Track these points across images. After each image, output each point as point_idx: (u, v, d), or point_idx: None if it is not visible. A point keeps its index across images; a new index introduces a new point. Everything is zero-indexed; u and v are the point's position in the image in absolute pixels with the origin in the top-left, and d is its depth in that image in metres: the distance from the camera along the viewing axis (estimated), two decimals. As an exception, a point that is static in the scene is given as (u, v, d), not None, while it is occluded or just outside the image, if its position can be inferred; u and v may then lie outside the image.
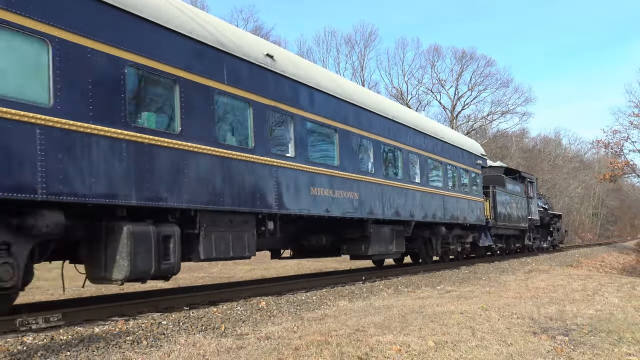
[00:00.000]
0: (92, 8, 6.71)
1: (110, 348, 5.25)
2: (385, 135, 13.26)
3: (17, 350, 5.00)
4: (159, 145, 7.39)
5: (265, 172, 9.27)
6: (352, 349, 5.14)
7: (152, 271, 7.12)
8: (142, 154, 7.13)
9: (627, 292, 10.25)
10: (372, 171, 12.56)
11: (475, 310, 7.47)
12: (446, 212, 16.37)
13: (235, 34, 9.53)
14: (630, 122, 37.38)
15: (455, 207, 17.03)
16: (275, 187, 9.45)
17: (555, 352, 5.18)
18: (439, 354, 5.01)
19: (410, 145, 14.52)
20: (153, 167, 7.25)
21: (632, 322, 6.67)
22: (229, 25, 9.93)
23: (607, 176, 38.77)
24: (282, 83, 9.93)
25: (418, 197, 14.67)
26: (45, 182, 5.97)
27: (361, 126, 12.25)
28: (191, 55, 8.08)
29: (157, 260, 7.18)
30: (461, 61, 58.26)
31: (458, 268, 16.25)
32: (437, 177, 16.26)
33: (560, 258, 23.41)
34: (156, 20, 7.55)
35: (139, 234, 6.92)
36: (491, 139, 56.86)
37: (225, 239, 8.52)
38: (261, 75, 9.45)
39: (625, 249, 43.21)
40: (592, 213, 77.76)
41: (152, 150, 7.27)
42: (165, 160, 7.44)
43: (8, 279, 5.84)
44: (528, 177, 26.74)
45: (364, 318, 6.96)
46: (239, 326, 6.55)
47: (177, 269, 7.55)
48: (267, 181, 9.28)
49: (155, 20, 7.53)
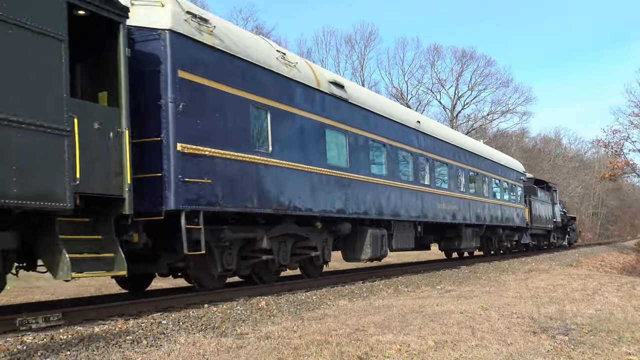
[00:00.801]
0: (288, 85, 10.22)
1: (110, 347, 5.25)
2: (471, 165, 19.26)
3: (17, 349, 5.00)
4: (388, 185, 13.28)
5: (418, 195, 14.84)
6: (352, 348, 5.14)
7: (378, 255, 12.63)
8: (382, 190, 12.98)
9: (627, 291, 10.25)
10: (464, 190, 18.18)
11: (475, 310, 7.47)
12: (502, 218, 21.89)
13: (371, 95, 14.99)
14: (630, 121, 37.39)
15: (507, 213, 22.62)
16: (421, 203, 14.95)
17: (555, 351, 5.18)
18: (438, 354, 5.01)
19: (483, 170, 20.46)
20: (385, 197, 13.03)
21: (632, 322, 6.67)
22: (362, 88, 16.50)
23: (607, 175, 38.77)
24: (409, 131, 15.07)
25: (487, 207, 20.18)
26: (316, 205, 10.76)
27: (464, 161, 18.48)
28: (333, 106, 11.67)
29: (380, 249, 12.66)
30: (461, 61, 58.31)
31: (458, 268, 16.27)
32: (498, 191, 22.12)
33: (560, 258, 23.41)
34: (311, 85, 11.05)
35: (374, 234, 12.42)
36: (491, 139, 56.82)
37: (403, 237, 14.10)
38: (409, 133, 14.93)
39: (625, 249, 43.24)
40: (592, 213, 77.73)
41: (384, 188, 13.09)
42: (386, 191, 13.14)
43: None
44: (553, 186, 32.27)
45: (364, 317, 6.96)
46: (239, 326, 6.55)
47: (386, 254, 13.27)
48: (420, 200, 14.89)
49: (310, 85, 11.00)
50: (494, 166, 21.94)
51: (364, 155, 12.40)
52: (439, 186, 16.22)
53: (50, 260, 6.46)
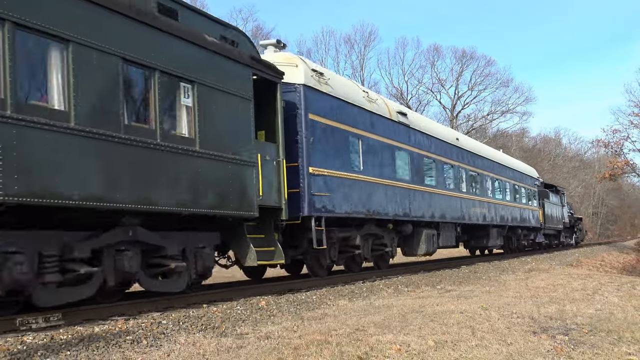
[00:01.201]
0: (371, 117, 13.18)
1: (110, 347, 5.24)
2: (497, 173, 22.69)
3: (17, 349, 4.99)
4: (437, 193, 16.45)
5: (458, 201, 17.93)
6: (352, 348, 5.14)
7: (430, 250, 15.64)
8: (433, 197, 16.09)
9: (627, 291, 10.25)
10: (491, 195, 21.64)
11: (475, 310, 7.47)
12: (522, 219, 25.32)
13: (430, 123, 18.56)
14: (630, 121, 37.35)
15: (525, 215, 25.96)
16: (460, 207, 18.01)
17: (555, 351, 5.18)
18: (438, 354, 5.01)
19: (506, 177, 23.89)
20: (435, 203, 16.09)
21: (632, 322, 6.67)
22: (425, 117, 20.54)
23: (607, 175, 38.76)
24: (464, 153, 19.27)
25: (509, 209, 23.60)
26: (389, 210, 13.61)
27: (491, 170, 21.97)
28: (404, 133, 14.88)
29: (432, 245, 15.63)
30: (461, 61, 58.33)
31: (458, 267, 16.27)
32: (518, 196, 25.43)
33: (560, 257, 23.42)
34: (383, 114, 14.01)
35: (427, 233, 15.45)
36: (491, 139, 56.84)
37: (447, 236, 17.17)
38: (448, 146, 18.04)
39: (625, 249, 43.22)
40: (592, 212, 77.73)
41: (435, 195, 16.10)
42: (436, 198, 16.22)
43: None
44: (561, 190, 35.40)
45: (363, 317, 6.95)
46: (239, 325, 6.55)
47: (435, 251, 16.44)
48: (459, 205, 17.97)
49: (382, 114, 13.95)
50: (515, 174, 25.44)
51: (420, 169, 15.59)
52: (473, 192, 19.56)
53: (240, 252, 9.29)
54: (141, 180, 7.15)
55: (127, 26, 7.06)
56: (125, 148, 6.93)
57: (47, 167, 6.01)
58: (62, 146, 6.18)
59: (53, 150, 6.09)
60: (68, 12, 6.37)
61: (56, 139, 6.12)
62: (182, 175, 7.78)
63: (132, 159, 7.04)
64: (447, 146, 17.75)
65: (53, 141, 6.09)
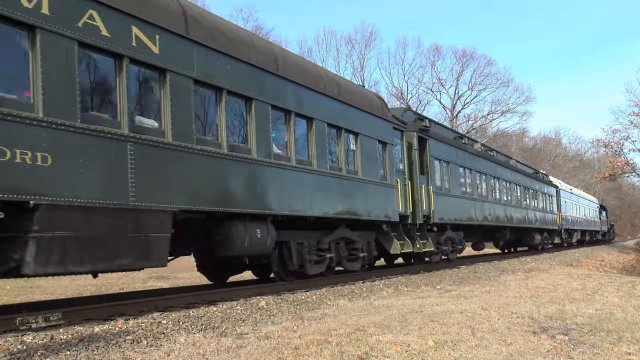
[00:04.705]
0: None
1: (110, 347, 5.24)
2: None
3: (17, 349, 5.00)
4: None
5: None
6: (352, 348, 5.14)
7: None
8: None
9: (627, 291, 10.25)
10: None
11: (475, 310, 7.46)
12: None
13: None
14: (630, 121, 37.43)
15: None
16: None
17: (555, 351, 5.18)
18: (438, 354, 5.01)
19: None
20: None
21: (631, 322, 6.67)
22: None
23: (607, 175, 38.78)
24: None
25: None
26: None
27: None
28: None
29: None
30: (461, 60, 58.40)
31: (458, 267, 16.27)
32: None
33: (560, 257, 23.42)
34: None
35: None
36: (491, 138, 56.85)
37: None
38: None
39: (625, 248, 43.24)
40: (592, 212, 77.64)
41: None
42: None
43: None
44: (605, 206, 48.88)
45: (363, 317, 6.95)
46: (239, 325, 6.55)
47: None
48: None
49: None
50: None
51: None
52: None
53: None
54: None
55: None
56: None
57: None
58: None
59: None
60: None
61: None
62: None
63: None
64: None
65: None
